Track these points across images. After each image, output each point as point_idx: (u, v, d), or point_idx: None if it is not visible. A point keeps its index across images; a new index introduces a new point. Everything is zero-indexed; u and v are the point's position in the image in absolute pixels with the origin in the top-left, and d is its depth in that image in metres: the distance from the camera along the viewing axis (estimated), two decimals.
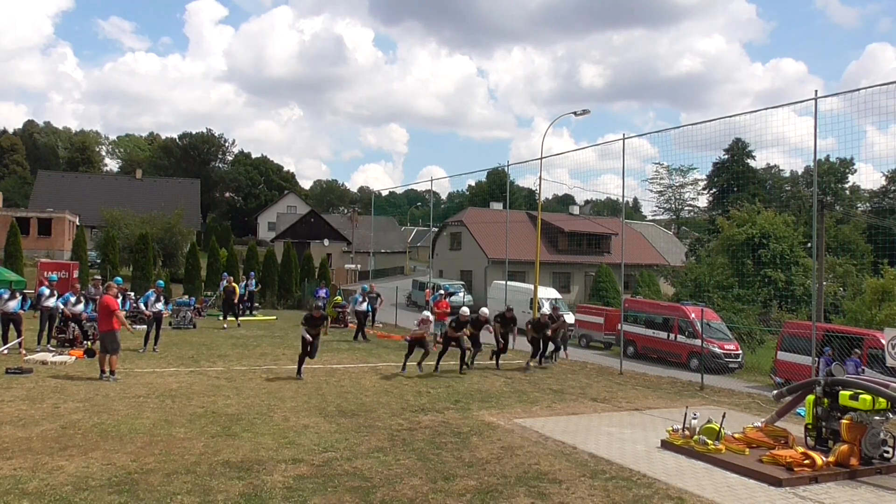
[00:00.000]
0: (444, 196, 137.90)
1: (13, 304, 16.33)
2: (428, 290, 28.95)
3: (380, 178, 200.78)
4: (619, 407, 12.91)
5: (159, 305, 17.92)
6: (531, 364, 17.75)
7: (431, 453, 8.78)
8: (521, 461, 8.60)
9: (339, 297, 28.37)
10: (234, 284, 25.32)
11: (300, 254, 39.51)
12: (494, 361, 17.70)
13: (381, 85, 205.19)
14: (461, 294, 37.82)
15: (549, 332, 18.27)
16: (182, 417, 10.27)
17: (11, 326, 16.36)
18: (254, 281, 30.51)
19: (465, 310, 16.67)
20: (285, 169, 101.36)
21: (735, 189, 63.05)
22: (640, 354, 26.41)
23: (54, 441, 8.70)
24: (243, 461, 8.09)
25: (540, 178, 25.30)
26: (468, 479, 7.71)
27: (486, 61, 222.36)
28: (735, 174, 65.90)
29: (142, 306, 18.40)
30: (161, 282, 20.04)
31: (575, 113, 25.01)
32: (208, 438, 9.11)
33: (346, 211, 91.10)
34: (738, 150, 65.95)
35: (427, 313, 16.86)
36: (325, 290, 28.27)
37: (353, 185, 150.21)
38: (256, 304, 31.13)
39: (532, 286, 28.07)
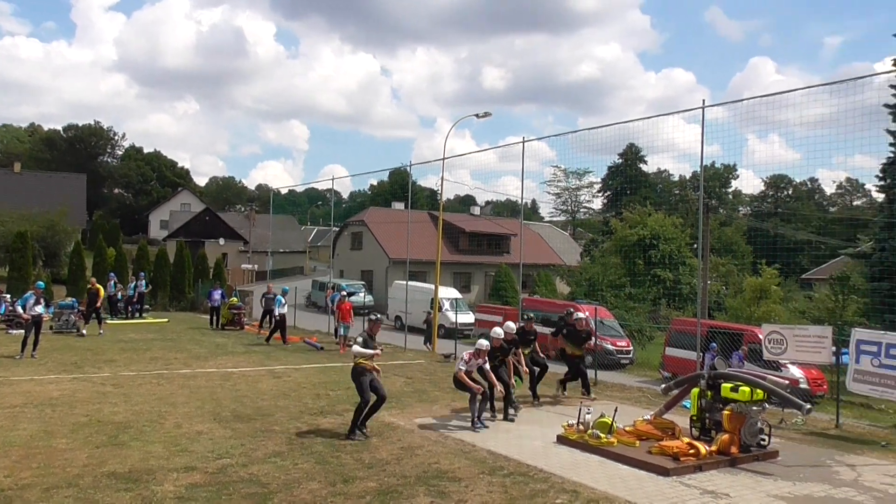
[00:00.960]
0: (345, 195, 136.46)
1: None
2: (329, 290, 28.59)
3: (279, 176, 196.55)
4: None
5: (39, 308, 16.86)
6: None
7: (331, 456, 8.67)
8: (420, 461, 8.61)
9: (235, 299, 27.60)
10: (97, 286, 23.78)
11: (194, 253, 38.15)
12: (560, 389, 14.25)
13: (282, 80, 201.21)
14: (362, 294, 37.54)
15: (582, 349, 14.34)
16: (64, 427, 9.69)
17: None
18: (144, 282, 29.24)
19: (502, 330, 11.97)
20: (179, 165, 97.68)
21: (628, 192, 65.50)
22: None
23: None
24: (131, 471, 7.72)
25: (442, 178, 25.53)
26: (368, 481, 7.65)
27: (389, 60, 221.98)
28: (628, 178, 68.48)
29: (19, 309, 17.28)
30: (41, 283, 18.83)
31: (477, 115, 25.28)
32: (93, 449, 8.64)
33: (243, 209, 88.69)
34: (632, 155, 68.57)
35: (483, 342, 11.18)
36: (219, 292, 27.36)
37: (251, 183, 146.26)
38: (147, 306, 29.85)
39: (433, 286, 28.22)
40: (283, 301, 22.44)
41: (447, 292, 34.85)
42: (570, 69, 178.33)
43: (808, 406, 9.54)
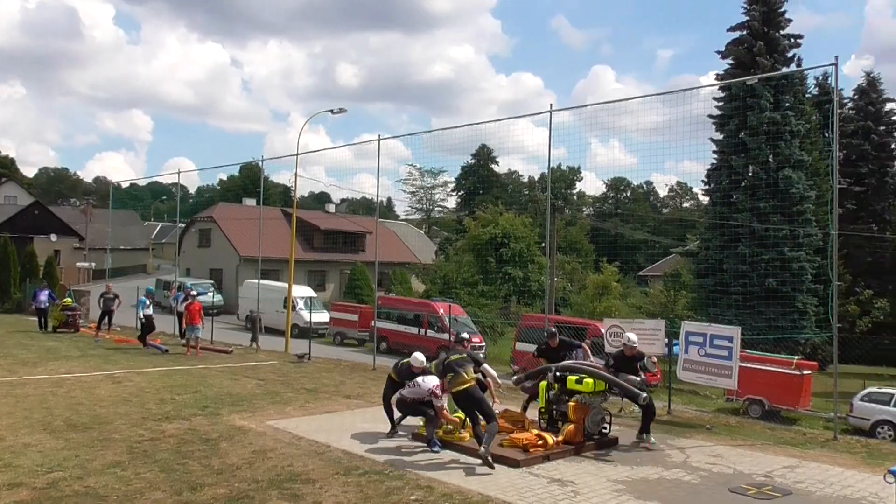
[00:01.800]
0: (192, 190, 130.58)
1: None
2: (173, 290, 27.25)
3: (120, 168, 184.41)
4: (372, 402, 13.12)
5: None
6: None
7: (177, 464, 8.26)
8: (273, 464, 8.40)
9: (69, 299, 25.65)
10: None
11: (21, 250, 35.11)
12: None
13: (122, 66, 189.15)
14: (210, 294, 36.10)
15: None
16: None
17: None
18: None
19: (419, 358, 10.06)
20: (3, 153, 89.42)
21: (481, 192, 67.30)
22: (392, 350, 27.15)
23: None
24: None
25: (296, 174, 25.00)
26: (217, 488, 7.36)
27: (240, 51, 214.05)
28: (481, 178, 70.35)
29: None
30: None
31: (332, 111, 25.06)
32: None
33: (79, 203, 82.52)
34: (484, 156, 70.48)
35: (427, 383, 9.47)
36: (46, 292, 25.21)
37: (87, 175, 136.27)
38: None
39: (286, 285, 27.62)
40: (148, 302, 21.12)
41: (301, 291, 34.26)
42: (424, 69, 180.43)
43: (645, 395, 10.21)
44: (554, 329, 12.40)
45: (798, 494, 7.90)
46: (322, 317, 32.21)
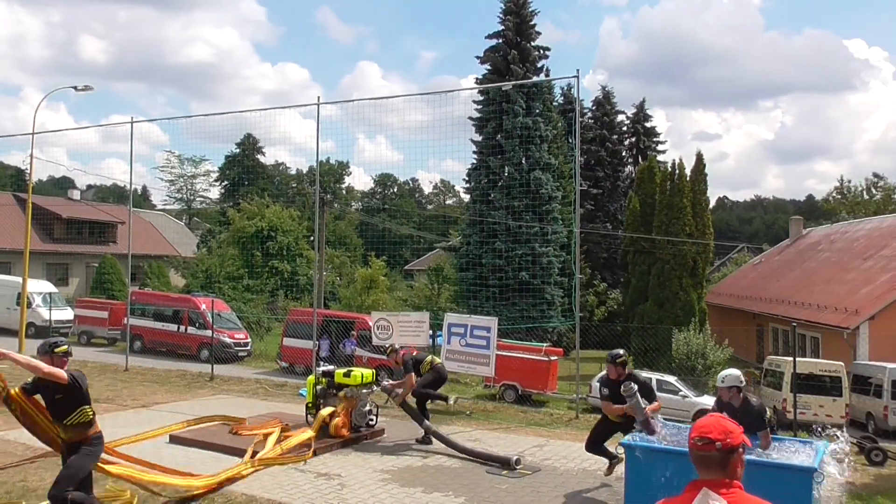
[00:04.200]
0: None
1: None
2: None
3: None
4: (124, 405, 12.19)
5: None
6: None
7: None
8: (4, 479, 7.47)
9: None
10: None
11: None
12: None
13: None
14: None
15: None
16: None
17: None
18: None
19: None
20: None
21: (246, 183, 64.99)
22: (147, 349, 25.38)
23: None
24: None
25: (31, 155, 22.29)
26: None
27: None
28: (246, 168, 67.87)
29: None
30: None
31: (76, 87, 22.69)
32: None
33: None
34: (250, 146, 68.12)
35: None
36: None
37: None
38: None
39: (20, 279, 24.60)
40: None
41: (38, 286, 30.73)
42: (181, 50, 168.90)
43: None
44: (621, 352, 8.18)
45: (545, 471, 8.63)
46: (64, 314, 29.25)
